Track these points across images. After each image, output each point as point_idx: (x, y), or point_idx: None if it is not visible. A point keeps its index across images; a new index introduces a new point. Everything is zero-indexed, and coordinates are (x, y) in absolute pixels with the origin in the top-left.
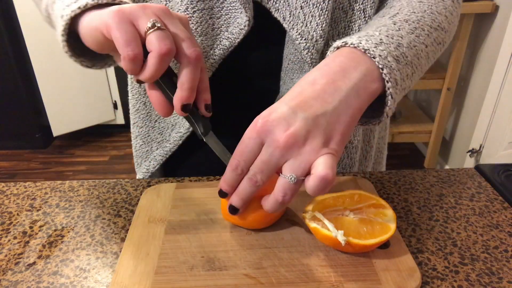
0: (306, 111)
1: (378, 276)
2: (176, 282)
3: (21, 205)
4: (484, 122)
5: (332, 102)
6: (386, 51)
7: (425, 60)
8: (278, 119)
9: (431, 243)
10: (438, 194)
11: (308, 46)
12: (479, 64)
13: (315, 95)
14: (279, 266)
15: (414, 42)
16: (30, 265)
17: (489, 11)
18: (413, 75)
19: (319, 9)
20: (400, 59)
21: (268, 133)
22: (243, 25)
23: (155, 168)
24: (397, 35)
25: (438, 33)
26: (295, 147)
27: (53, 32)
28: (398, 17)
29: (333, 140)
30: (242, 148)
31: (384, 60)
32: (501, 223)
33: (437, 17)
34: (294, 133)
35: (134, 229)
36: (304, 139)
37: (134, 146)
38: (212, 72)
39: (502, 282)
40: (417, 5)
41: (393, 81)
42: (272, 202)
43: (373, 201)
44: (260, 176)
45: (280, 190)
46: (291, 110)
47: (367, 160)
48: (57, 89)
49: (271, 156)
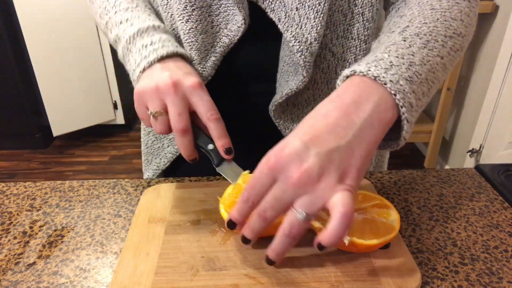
0: (319, 147)
1: (378, 276)
2: (176, 282)
3: (21, 205)
4: (484, 122)
5: (346, 136)
6: (397, 75)
7: (442, 72)
8: (291, 155)
9: (431, 243)
10: (438, 194)
11: (301, 48)
12: (479, 64)
13: (328, 130)
14: (279, 266)
15: (428, 57)
16: (30, 265)
17: (489, 11)
18: (429, 90)
19: (314, 11)
20: (414, 79)
21: (281, 170)
22: (240, 23)
23: (165, 165)
24: (408, 53)
25: (455, 41)
26: (309, 184)
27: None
28: (408, 32)
29: (348, 176)
30: (254, 182)
31: (396, 85)
32: (501, 223)
33: (451, 23)
34: (308, 170)
35: (134, 229)
36: (318, 176)
37: (145, 143)
38: (215, 70)
39: (502, 282)
40: (429, 13)
41: (407, 106)
42: (279, 235)
43: (376, 201)
44: (270, 212)
45: (287, 224)
46: (304, 145)
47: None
48: (57, 89)
49: (283, 193)
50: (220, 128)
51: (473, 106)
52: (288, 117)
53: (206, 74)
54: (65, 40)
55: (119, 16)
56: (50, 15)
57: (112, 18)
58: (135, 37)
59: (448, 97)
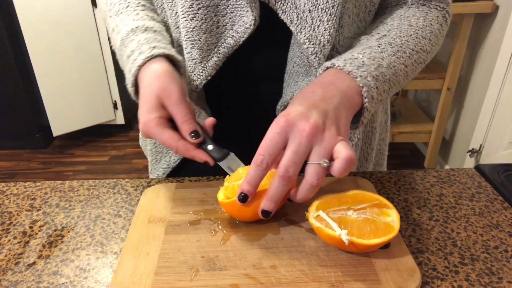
0: (317, 108)
1: (378, 276)
2: (176, 282)
3: (21, 205)
4: (484, 122)
5: (333, 103)
6: (366, 72)
7: (403, 78)
8: (299, 115)
9: (431, 243)
10: (438, 194)
11: (316, 51)
12: (479, 64)
13: (319, 99)
14: (279, 266)
15: (394, 63)
16: (30, 265)
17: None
18: (389, 89)
19: (327, 14)
20: (379, 78)
21: (293, 126)
22: (248, 24)
23: (175, 163)
24: (379, 57)
25: (420, 55)
26: (318, 134)
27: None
28: (384, 40)
29: (342, 129)
30: (267, 143)
31: (364, 79)
32: (501, 223)
33: (420, 41)
34: (315, 123)
35: (134, 229)
36: (323, 127)
37: (152, 142)
38: (216, 70)
39: (502, 282)
40: (405, 29)
41: (369, 97)
42: (307, 188)
43: (376, 201)
44: (293, 168)
45: (314, 175)
46: (306, 108)
47: (368, 162)
48: (57, 89)
49: (299, 145)
50: None
51: (473, 106)
52: None
53: (206, 74)
54: (65, 40)
55: (111, 24)
56: (50, 15)
57: (110, 25)
58: (122, 48)
59: (448, 97)
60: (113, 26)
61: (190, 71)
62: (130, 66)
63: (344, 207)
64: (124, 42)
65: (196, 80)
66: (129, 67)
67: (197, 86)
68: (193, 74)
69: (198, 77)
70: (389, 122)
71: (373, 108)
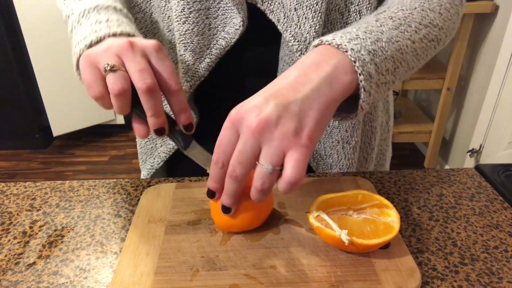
0: (278, 99)
1: (378, 276)
2: (176, 282)
3: (21, 205)
4: (484, 122)
5: (303, 91)
6: (359, 45)
7: (412, 56)
8: (251, 107)
9: (431, 243)
10: (438, 194)
11: (301, 48)
12: (479, 64)
13: (287, 86)
14: (279, 266)
15: (397, 37)
16: (30, 265)
17: (489, 11)
18: (395, 70)
19: (312, 11)
20: (378, 53)
21: (241, 121)
22: (238, 25)
23: (159, 164)
24: (377, 31)
25: (429, 30)
26: (266, 131)
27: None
28: (383, 15)
29: (306, 127)
30: (220, 140)
31: (356, 53)
32: (501, 223)
33: (428, 14)
34: (265, 117)
35: (134, 229)
36: (275, 123)
37: (139, 143)
38: (208, 71)
39: (502, 282)
40: (408, 2)
41: (366, 74)
42: (254, 191)
43: (376, 201)
44: (239, 169)
45: (258, 179)
46: (264, 99)
47: (368, 162)
48: (57, 89)
49: (245, 143)
50: (180, 101)
51: (473, 106)
52: None
53: (199, 74)
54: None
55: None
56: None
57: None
58: (90, 11)
59: (448, 97)
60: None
61: (184, 73)
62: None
63: (344, 207)
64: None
65: (190, 81)
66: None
67: (190, 87)
68: (187, 76)
69: (191, 79)
70: (391, 122)
71: (372, 90)
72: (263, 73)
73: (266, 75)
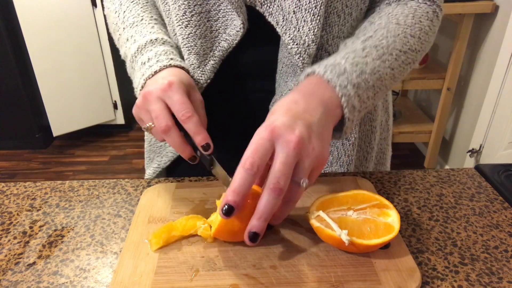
0: (302, 120)
1: (378, 276)
2: (176, 282)
3: (21, 205)
4: (484, 122)
5: (316, 115)
6: (346, 81)
7: (390, 81)
8: (284, 125)
9: (431, 243)
10: (438, 194)
11: (299, 51)
12: (479, 64)
13: (302, 110)
14: (279, 266)
15: (379, 67)
16: (30, 265)
17: (489, 11)
18: (375, 95)
19: (311, 14)
20: (361, 85)
21: (279, 136)
22: (238, 27)
23: (166, 164)
24: (362, 62)
25: (408, 55)
26: (304, 147)
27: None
28: (369, 42)
29: (325, 147)
30: (256, 146)
31: (343, 89)
32: (501, 223)
33: (409, 40)
34: (301, 134)
35: (134, 229)
36: (308, 141)
37: (148, 141)
38: (214, 73)
39: (502, 282)
40: (393, 28)
41: (350, 107)
42: (287, 206)
43: (376, 201)
44: (283, 180)
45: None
46: (291, 119)
47: (368, 161)
48: (57, 89)
49: (288, 156)
50: (194, 126)
51: (473, 106)
52: None
53: (205, 77)
54: (65, 40)
55: (125, 33)
56: (50, 15)
57: (122, 35)
58: (136, 55)
59: (448, 97)
60: (127, 36)
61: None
62: (144, 71)
63: (344, 207)
64: (142, 50)
65: (197, 85)
66: (143, 71)
67: (198, 90)
68: (193, 79)
69: (198, 81)
70: (390, 121)
71: (355, 118)
72: (261, 75)
73: (265, 77)
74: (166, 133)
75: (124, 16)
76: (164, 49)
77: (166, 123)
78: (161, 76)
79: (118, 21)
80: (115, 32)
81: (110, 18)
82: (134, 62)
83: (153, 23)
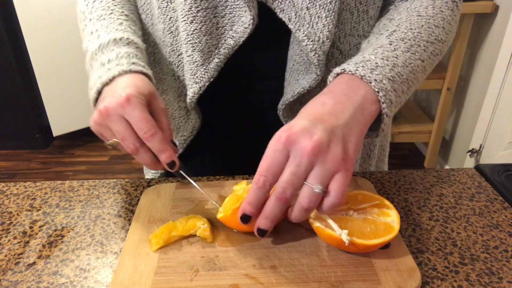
0: (324, 123)
1: (378, 276)
2: (176, 282)
3: (21, 205)
4: (484, 122)
5: (343, 117)
6: (381, 75)
7: (421, 74)
8: (301, 130)
9: (431, 243)
10: (438, 194)
11: (315, 47)
12: (479, 64)
13: (327, 112)
14: (279, 266)
15: (410, 59)
16: (30, 265)
17: (489, 11)
18: (408, 89)
19: (325, 10)
20: (396, 79)
21: (294, 143)
22: (247, 23)
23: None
24: (393, 56)
25: (435, 46)
26: (321, 153)
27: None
28: (395, 36)
29: (349, 152)
30: (269, 162)
31: (379, 84)
32: (501, 223)
33: (434, 30)
34: (319, 139)
35: (134, 229)
36: (327, 146)
37: None
38: (217, 72)
39: (502, 282)
40: (415, 20)
41: (388, 102)
42: (298, 210)
43: (376, 201)
44: (290, 190)
45: (305, 198)
46: (311, 122)
47: (371, 158)
48: (57, 89)
49: (299, 165)
50: (158, 144)
51: (473, 106)
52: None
53: (208, 75)
54: (65, 40)
55: (91, 26)
56: (50, 15)
57: (87, 26)
58: (97, 53)
59: (448, 97)
60: (91, 29)
61: (192, 74)
62: (102, 73)
63: (344, 207)
64: (103, 49)
65: (199, 83)
66: (100, 73)
67: (200, 88)
68: (195, 77)
69: (200, 80)
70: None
71: (392, 113)
72: (270, 74)
73: (274, 75)
74: (135, 154)
75: (93, 7)
76: (127, 51)
77: (133, 145)
78: (119, 86)
79: (86, 11)
80: (81, 22)
81: (79, 5)
82: (93, 60)
83: (122, 19)
